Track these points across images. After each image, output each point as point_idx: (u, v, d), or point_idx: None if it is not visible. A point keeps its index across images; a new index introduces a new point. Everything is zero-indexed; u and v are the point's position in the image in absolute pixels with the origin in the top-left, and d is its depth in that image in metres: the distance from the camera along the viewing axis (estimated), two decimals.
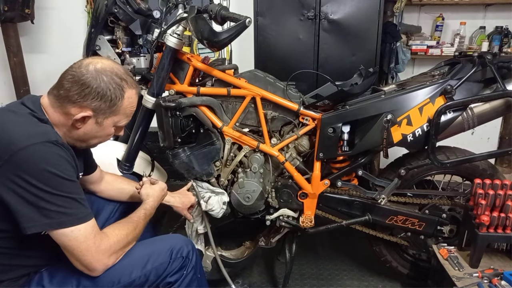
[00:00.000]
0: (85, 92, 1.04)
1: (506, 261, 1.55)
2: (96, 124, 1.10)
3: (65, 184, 0.98)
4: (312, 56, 2.63)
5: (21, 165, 0.92)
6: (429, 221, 1.73)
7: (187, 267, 1.20)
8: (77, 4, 3.04)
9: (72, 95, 1.04)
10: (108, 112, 1.09)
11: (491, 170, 1.71)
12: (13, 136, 0.95)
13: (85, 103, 1.05)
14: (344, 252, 2.25)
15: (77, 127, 1.08)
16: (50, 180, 0.95)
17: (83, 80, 1.04)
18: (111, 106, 1.09)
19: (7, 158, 0.92)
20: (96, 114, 1.08)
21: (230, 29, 1.41)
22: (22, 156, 0.92)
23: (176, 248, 1.19)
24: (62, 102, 1.05)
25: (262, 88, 1.64)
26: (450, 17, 3.10)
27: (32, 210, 0.94)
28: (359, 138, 1.59)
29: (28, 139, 0.95)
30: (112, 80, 1.07)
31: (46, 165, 0.94)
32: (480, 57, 1.54)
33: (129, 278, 1.10)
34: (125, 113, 1.14)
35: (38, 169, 0.93)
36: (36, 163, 0.93)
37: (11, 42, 2.93)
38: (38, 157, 0.94)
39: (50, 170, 0.94)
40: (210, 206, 1.65)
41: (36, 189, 0.93)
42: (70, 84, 1.04)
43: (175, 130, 1.59)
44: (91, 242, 1.01)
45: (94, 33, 1.58)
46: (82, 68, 1.06)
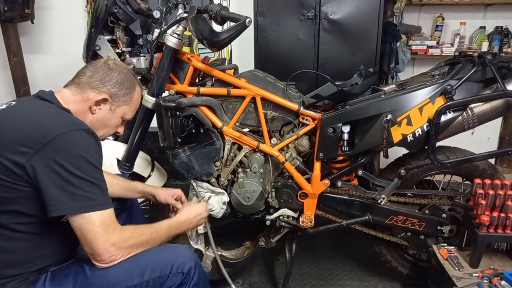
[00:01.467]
0: (106, 79, 1.18)
1: (506, 261, 1.55)
2: (110, 111, 1.21)
3: (94, 171, 1.03)
4: (312, 56, 2.63)
5: (57, 150, 0.98)
6: (429, 221, 1.73)
7: (187, 284, 1.17)
8: (77, 4, 3.04)
9: (94, 81, 1.17)
10: (121, 101, 1.22)
11: (491, 170, 1.71)
12: (50, 123, 1.01)
13: (105, 88, 1.18)
14: (344, 252, 2.25)
15: (93, 111, 1.18)
16: (82, 165, 1.00)
17: (104, 69, 1.19)
18: (125, 95, 1.22)
19: (46, 142, 0.97)
20: (112, 100, 1.20)
21: (230, 29, 1.41)
22: (59, 141, 0.98)
23: (177, 263, 1.15)
24: (83, 88, 1.16)
25: (262, 88, 1.64)
26: (450, 17, 3.10)
27: (60, 193, 0.98)
28: (359, 138, 1.59)
29: (65, 126, 1.01)
30: (128, 73, 1.24)
31: (80, 150, 1.00)
32: (480, 57, 1.54)
33: (125, 285, 1.08)
34: (133, 106, 1.27)
35: (73, 154, 0.99)
36: (72, 148, 1.00)
37: (11, 42, 2.93)
38: (74, 142, 1.00)
39: (83, 155, 1.00)
40: (210, 206, 1.65)
41: (68, 173, 0.98)
42: (91, 72, 1.18)
43: (175, 130, 1.59)
44: (104, 229, 1.03)
45: (94, 33, 1.58)
46: (102, 62, 1.22)
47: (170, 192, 1.56)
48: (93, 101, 1.16)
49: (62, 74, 3.07)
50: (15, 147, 0.97)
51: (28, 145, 0.97)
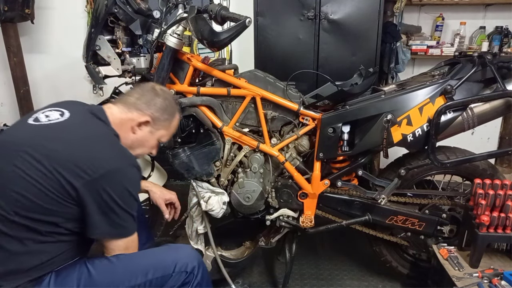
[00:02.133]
0: (151, 103, 1.27)
1: (506, 261, 1.55)
2: (149, 133, 1.29)
3: (134, 204, 1.15)
4: (312, 56, 2.63)
5: (110, 182, 1.07)
6: (429, 221, 1.73)
7: (191, 283, 1.21)
8: (77, 4, 3.04)
9: (140, 104, 1.25)
10: (161, 125, 1.30)
11: (491, 170, 1.71)
12: (107, 155, 1.11)
13: (148, 111, 1.26)
14: (344, 252, 2.25)
15: (134, 131, 1.26)
16: (126, 198, 1.11)
17: (152, 93, 1.28)
18: (165, 120, 1.31)
19: (102, 173, 1.06)
20: (153, 123, 1.28)
21: (230, 29, 1.41)
22: (113, 174, 1.08)
23: (180, 262, 1.20)
24: (129, 108, 1.25)
25: (262, 88, 1.64)
26: (450, 17, 3.10)
27: (103, 219, 1.09)
28: (359, 138, 1.59)
29: (120, 160, 1.12)
30: (172, 100, 1.34)
31: (128, 185, 1.11)
32: (480, 57, 1.54)
33: (128, 284, 1.14)
34: (170, 131, 1.36)
35: (122, 187, 1.10)
36: (122, 183, 1.10)
37: (11, 42, 2.93)
38: (124, 178, 1.11)
39: (129, 190, 1.11)
40: (210, 206, 1.65)
41: (114, 203, 1.08)
42: (139, 95, 1.27)
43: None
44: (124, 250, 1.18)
45: (94, 33, 1.58)
46: (149, 86, 1.32)
47: (163, 196, 1.57)
48: (136, 121, 1.24)
49: (62, 74, 3.10)
50: (73, 169, 1.04)
51: (86, 171, 1.05)
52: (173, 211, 1.61)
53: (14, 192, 1.03)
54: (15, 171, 1.03)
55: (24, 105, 3.09)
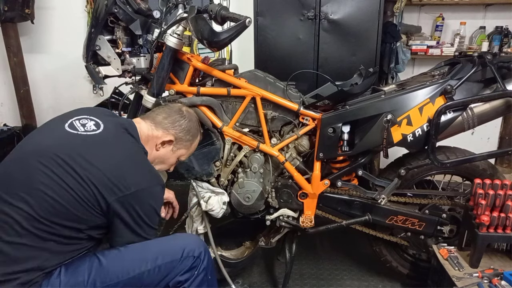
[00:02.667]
0: (176, 124, 1.36)
1: (506, 261, 1.55)
2: (171, 151, 1.38)
3: (157, 220, 1.23)
4: (312, 56, 2.63)
5: (139, 200, 1.15)
6: (429, 221, 1.73)
7: (198, 267, 1.25)
8: (77, 4, 3.04)
9: (166, 123, 1.35)
10: (183, 145, 1.39)
11: (491, 170, 1.71)
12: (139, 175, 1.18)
13: (173, 131, 1.35)
14: (344, 252, 2.25)
15: (157, 149, 1.34)
16: (152, 216, 1.20)
17: (178, 115, 1.38)
18: (187, 140, 1.40)
19: (133, 192, 1.13)
20: (176, 143, 1.37)
21: (230, 29, 1.41)
22: (143, 193, 1.16)
23: (188, 248, 1.25)
24: (156, 126, 1.34)
25: (262, 88, 1.64)
26: (450, 17, 3.10)
27: (128, 232, 1.17)
28: (359, 138, 1.59)
29: (150, 180, 1.20)
30: (196, 123, 1.44)
31: (154, 204, 1.20)
32: (480, 57, 1.54)
33: (138, 271, 1.18)
34: (190, 151, 1.45)
35: (149, 206, 1.18)
36: (149, 201, 1.18)
37: (11, 42, 2.94)
38: (152, 197, 1.19)
39: (155, 208, 1.20)
40: (210, 206, 1.65)
41: (140, 219, 1.17)
42: (166, 114, 1.36)
43: None
44: None
45: (94, 33, 1.57)
46: (178, 107, 1.42)
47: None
48: (161, 140, 1.33)
49: (62, 74, 3.10)
50: (107, 184, 1.11)
51: (119, 187, 1.12)
52: (171, 210, 1.61)
53: (46, 195, 1.07)
54: (49, 174, 1.08)
55: (24, 105, 3.09)
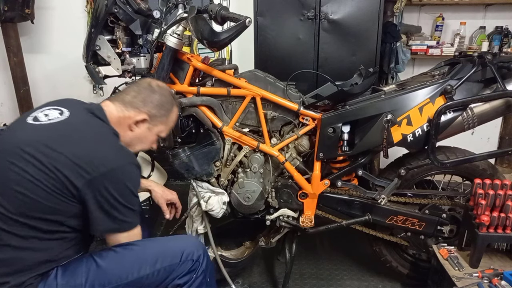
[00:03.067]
0: (147, 101, 1.27)
1: (506, 261, 1.55)
2: (147, 130, 1.30)
3: (134, 200, 1.17)
4: (312, 56, 2.63)
5: (111, 180, 1.09)
6: (429, 221, 1.73)
7: (197, 270, 1.23)
8: (77, 4, 3.03)
9: (137, 102, 1.26)
10: (159, 121, 1.31)
11: (491, 170, 1.71)
12: (108, 154, 1.12)
13: (145, 109, 1.27)
14: (344, 252, 2.25)
15: (132, 129, 1.27)
16: (127, 195, 1.13)
17: (148, 91, 1.29)
18: (163, 116, 1.31)
19: (103, 172, 1.08)
20: (150, 120, 1.28)
21: (230, 29, 1.41)
22: (114, 172, 1.10)
23: (187, 251, 1.23)
24: (126, 107, 1.26)
25: (262, 88, 1.64)
26: (450, 17, 3.10)
27: (105, 216, 1.11)
28: (359, 138, 1.59)
29: (121, 159, 1.13)
30: (168, 96, 1.33)
31: (128, 183, 1.13)
32: (480, 57, 1.54)
33: (137, 275, 1.16)
34: (169, 125, 1.37)
35: (123, 185, 1.12)
36: (122, 181, 1.12)
37: (11, 42, 2.93)
38: (125, 176, 1.13)
39: (130, 187, 1.13)
40: (210, 206, 1.65)
41: (115, 200, 1.10)
42: (136, 93, 1.28)
43: (175, 130, 1.59)
44: None
45: (94, 33, 1.58)
46: (146, 83, 1.32)
47: (165, 196, 1.58)
48: (133, 120, 1.25)
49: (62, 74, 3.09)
50: (74, 169, 1.06)
51: (87, 170, 1.06)
52: (174, 211, 1.62)
53: (16, 192, 1.04)
54: (16, 171, 1.05)
55: (24, 105, 3.08)
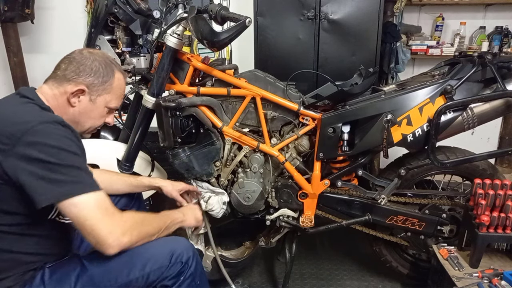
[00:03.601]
0: (80, 69, 1.15)
1: (506, 261, 1.55)
2: (90, 102, 1.18)
3: (72, 157, 1.02)
4: (312, 56, 2.63)
5: (32, 142, 0.97)
6: (429, 221, 1.73)
7: (185, 273, 1.18)
8: (77, 4, 3.04)
9: (68, 73, 1.15)
10: (100, 89, 1.19)
11: (491, 170, 1.71)
12: (23, 119, 1.01)
13: (80, 79, 1.15)
14: (344, 252, 2.25)
15: (73, 104, 1.16)
16: (59, 153, 0.99)
17: (78, 59, 1.16)
18: (103, 83, 1.19)
19: (20, 136, 0.97)
20: (90, 90, 1.17)
21: (230, 29, 1.41)
22: (32, 134, 0.98)
23: (176, 253, 1.17)
24: (60, 82, 1.15)
25: (262, 88, 1.63)
26: (450, 17, 3.10)
27: (44, 183, 0.97)
28: (359, 138, 1.59)
29: (38, 119, 1.01)
30: (104, 60, 1.20)
31: (54, 141, 0.99)
32: (480, 57, 1.54)
33: (126, 278, 1.10)
34: (115, 93, 1.23)
35: (47, 145, 0.98)
36: (46, 140, 0.99)
37: (11, 42, 2.93)
38: (46, 134, 0.99)
39: (57, 145, 0.99)
40: (210, 206, 1.65)
41: (47, 163, 0.97)
42: (66, 65, 1.16)
43: (175, 130, 1.59)
44: (103, 212, 1.02)
45: (94, 33, 1.58)
46: (77, 52, 1.19)
47: (176, 187, 1.57)
48: (69, 93, 1.14)
49: None
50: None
51: (4, 142, 0.97)
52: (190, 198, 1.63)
53: None
54: None
55: None
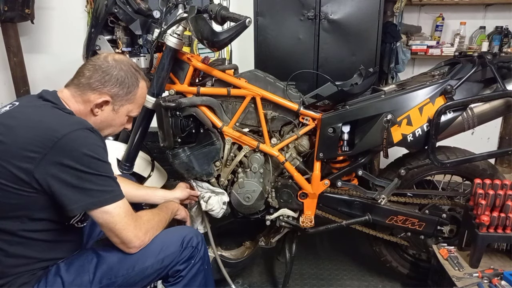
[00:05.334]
0: (105, 79, 1.14)
1: (506, 261, 1.55)
2: (113, 111, 1.18)
3: (103, 166, 1.05)
4: (312, 56, 2.63)
5: (63, 151, 0.98)
6: (429, 221, 1.73)
7: (195, 257, 1.24)
8: (77, 4, 3.04)
9: (93, 82, 1.13)
10: (124, 100, 1.19)
11: (491, 170, 1.71)
12: (53, 126, 1.01)
13: (105, 89, 1.14)
14: (344, 252, 2.25)
15: (95, 114, 1.16)
16: (91, 162, 1.01)
17: (104, 68, 1.14)
18: (128, 94, 1.18)
19: (52, 146, 0.97)
20: (114, 101, 1.17)
21: (230, 29, 1.41)
22: (65, 142, 0.98)
23: (187, 239, 1.23)
24: (83, 90, 1.13)
25: (262, 88, 1.63)
26: (450, 17, 3.10)
27: (77, 192, 1.00)
28: (359, 138, 1.59)
29: (68, 126, 1.01)
30: (129, 69, 1.19)
31: (86, 149, 1.01)
32: (480, 57, 1.54)
33: (143, 265, 1.15)
34: (138, 103, 1.24)
35: (80, 153, 1.00)
36: (78, 148, 1.00)
37: (11, 42, 2.93)
38: (78, 142, 1.00)
39: (89, 153, 1.01)
40: (210, 206, 1.65)
41: (79, 172, 1.00)
42: (91, 72, 1.14)
43: (175, 130, 1.59)
44: (130, 218, 1.09)
45: (94, 33, 1.58)
46: (102, 59, 1.17)
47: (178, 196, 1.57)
48: (93, 103, 1.14)
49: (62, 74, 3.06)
50: (21, 153, 0.97)
51: (35, 150, 0.97)
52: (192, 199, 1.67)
53: None
54: None
55: None
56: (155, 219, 1.22)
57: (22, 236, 1.04)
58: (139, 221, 1.13)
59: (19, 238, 1.04)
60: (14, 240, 1.03)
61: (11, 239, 1.03)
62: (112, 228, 1.07)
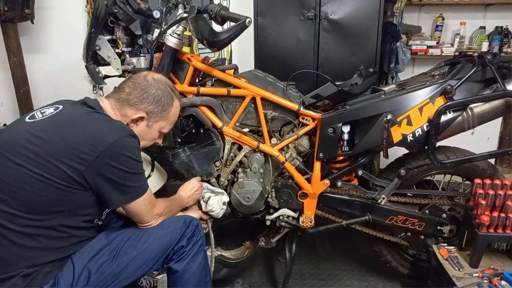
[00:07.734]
0: (144, 97, 1.25)
1: (506, 261, 1.55)
2: (147, 127, 1.30)
3: (140, 165, 1.20)
4: (312, 56, 2.63)
5: (112, 155, 1.11)
6: (429, 221, 1.73)
7: (197, 235, 1.34)
8: (77, 4, 3.04)
9: (132, 99, 1.24)
10: (158, 117, 1.30)
11: (491, 170, 1.71)
12: (103, 131, 1.13)
13: (142, 106, 1.25)
14: (344, 252, 2.25)
15: (130, 127, 1.26)
16: (131, 164, 1.16)
17: (143, 86, 1.26)
18: (162, 111, 1.29)
19: (102, 150, 1.09)
20: (149, 117, 1.28)
21: (230, 29, 1.41)
22: (114, 147, 1.11)
23: (188, 220, 1.35)
24: (122, 104, 1.25)
25: (262, 88, 1.64)
26: (450, 17, 3.10)
27: (118, 189, 1.15)
28: (359, 138, 1.59)
29: (117, 132, 1.14)
30: (166, 89, 1.30)
31: (129, 153, 1.15)
32: (480, 57, 1.54)
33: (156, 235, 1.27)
34: (170, 120, 1.35)
35: (125, 156, 1.14)
36: (124, 152, 1.13)
37: (11, 42, 2.93)
38: (125, 147, 1.14)
39: (132, 157, 1.15)
40: (210, 206, 1.65)
41: (123, 172, 1.14)
42: (130, 89, 1.25)
43: (175, 130, 1.59)
44: (151, 206, 1.26)
45: (94, 33, 1.58)
46: (142, 77, 1.29)
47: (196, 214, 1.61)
48: (130, 118, 1.25)
49: (62, 74, 3.09)
50: (73, 153, 1.08)
51: (87, 152, 1.08)
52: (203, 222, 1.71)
53: (21, 189, 1.06)
54: (17, 168, 1.07)
55: (24, 105, 3.08)
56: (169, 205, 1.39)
57: (61, 230, 1.13)
58: (157, 207, 1.29)
59: (57, 233, 1.12)
60: (51, 234, 1.12)
61: (49, 233, 1.11)
62: (135, 212, 1.23)
